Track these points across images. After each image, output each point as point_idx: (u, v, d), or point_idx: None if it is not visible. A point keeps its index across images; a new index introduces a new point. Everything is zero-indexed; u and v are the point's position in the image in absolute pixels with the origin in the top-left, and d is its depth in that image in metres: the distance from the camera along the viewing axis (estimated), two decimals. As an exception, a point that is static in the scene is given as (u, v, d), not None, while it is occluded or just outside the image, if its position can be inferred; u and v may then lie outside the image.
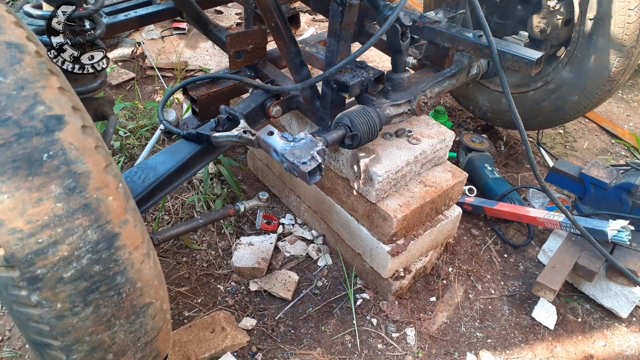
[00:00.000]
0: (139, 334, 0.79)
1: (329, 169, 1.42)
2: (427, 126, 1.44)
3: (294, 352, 1.32)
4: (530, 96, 1.78)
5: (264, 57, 1.45)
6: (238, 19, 2.61)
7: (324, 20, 2.73)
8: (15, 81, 0.66)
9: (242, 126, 1.14)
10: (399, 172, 1.31)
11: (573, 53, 1.60)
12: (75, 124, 0.69)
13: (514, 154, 2.05)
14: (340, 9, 1.10)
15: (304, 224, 1.66)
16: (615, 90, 1.65)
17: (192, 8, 1.44)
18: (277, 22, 1.12)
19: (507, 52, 1.25)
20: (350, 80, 1.18)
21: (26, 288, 0.66)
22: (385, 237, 1.33)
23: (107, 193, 0.70)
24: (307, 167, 1.03)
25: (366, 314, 1.42)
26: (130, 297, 0.75)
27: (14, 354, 1.27)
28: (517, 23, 1.76)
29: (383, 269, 1.38)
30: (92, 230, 0.68)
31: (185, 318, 1.37)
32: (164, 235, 1.12)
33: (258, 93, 1.33)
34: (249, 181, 1.82)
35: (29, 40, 0.71)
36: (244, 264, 1.48)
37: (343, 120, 1.18)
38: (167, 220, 1.63)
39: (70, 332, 0.71)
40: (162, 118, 1.22)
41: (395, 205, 1.31)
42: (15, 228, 0.64)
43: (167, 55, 2.34)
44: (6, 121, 0.64)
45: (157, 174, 1.12)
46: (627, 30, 1.46)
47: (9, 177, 0.63)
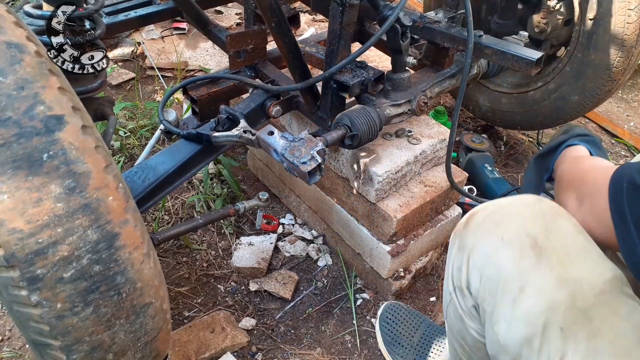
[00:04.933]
0: (139, 334, 0.79)
1: (329, 169, 1.42)
2: (427, 126, 1.44)
3: (294, 352, 1.32)
4: (530, 96, 1.78)
5: (264, 57, 1.45)
6: (238, 19, 2.61)
7: (324, 20, 2.73)
8: (15, 81, 0.66)
9: (242, 126, 1.14)
10: (399, 172, 1.31)
11: (573, 53, 1.60)
12: (75, 124, 0.69)
13: (514, 154, 2.05)
14: (340, 9, 1.10)
15: (304, 224, 1.66)
16: (616, 90, 1.64)
17: (192, 8, 1.43)
18: (277, 22, 1.12)
19: (507, 52, 1.25)
20: (350, 80, 1.18)
21: (26, 288, 0.66)
22: (385, 237, 1.33)
23: (107, 193, 0.71)
24: (307, 167, 1.03)
25: (366, 314, 1.42)
26: (130, 297, 0.75)
27: (14, 354, 1.27)
28: (517, 23, 1.76)
29: (383, 269, 1.38)
30: (92, 230, 0.69)
31: (185, 318, 1.37)
32: (164, 235, 1.12)
33: (258, 93, 1.33)
34: (249, 181, 1.82)
35: (29, 40, 0.71)
36: (244, 264, 1.48)
37: (343, 120, 1.18)
38: (167, 220, 1.63)
39: (70, 332, 0.71)
40: (162, 118, 1.22)
41: (395, 205, 1.31)
42: (15, 228, 0.64)
43: (167, 55, 2.34)
44: (6, 121, 0.64)
45: (157, 174, 1.12)
46: (627, 30, 1.46)
47: (9, 177, 0.63)
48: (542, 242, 0.73)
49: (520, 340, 0.72)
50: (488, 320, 0.77)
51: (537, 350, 0.70)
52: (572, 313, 0.69)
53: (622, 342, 0.68)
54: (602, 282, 0.70)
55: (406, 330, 1.30)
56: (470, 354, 0.90)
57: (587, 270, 0.72)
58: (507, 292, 0.73)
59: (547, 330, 0.69)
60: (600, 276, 0.71)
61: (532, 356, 0.71)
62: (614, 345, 0.67)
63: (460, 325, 0.87)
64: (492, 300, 0.76)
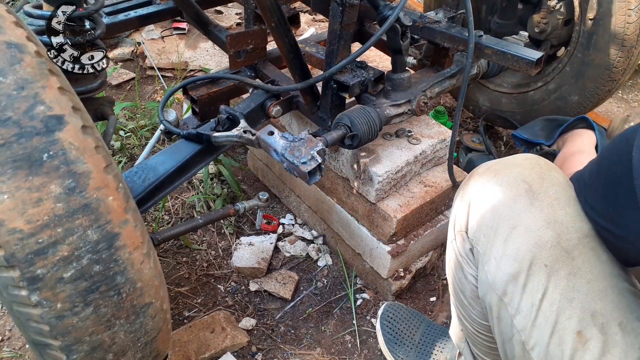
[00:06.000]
0: (139, 334, 0.79)
1: (329, 169, 1.42)
2: (427, 126, 1.44)
3: (294, 352, 1.32)
4: (530, 96, 1.78)
5: (264, 57, 1.45)
6: (238, 19, 2.61)
7: (324, 20, 2.73)
8: (16, 81, 0.66)
9: (242, 126, 1.14)
10: (399, 172, 1.31)
11: (573, 53, 1.60)
12: (76, 124, 0.69)
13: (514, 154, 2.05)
14: (340, 9, 1.10)
15: (304, 224, 1.66)
16: (616, 90, 1.64)
17: (192, 8, 1.43)
18: (277, 22, 1.12)
19: (507, 52, 1.25)
20: (350, 80, 1.18)
21: (26, 288, 0.66)
22: (385, 237, 1.33)
23: (107, 193, 0.71)
24: (307, 167, 1.03)
25: (366, 314, 1.42)
26: (130, 297, 0.75)
27: (14, 354, 1.27)
28: (517, 23, 1.76)
29: (383, 269, 1.38)
30: (92, 230, 0.69)
31: (185, 318, 1.37)
32: (164, 235, 1.12)
33: (258, 93, 1.33)
34: (249, 181, 1.82)
35: (29, 40, 0.71)
36: (244, 264, 1.48)
37: (343, 120, 1.18)
38: (167, 220, 1.63)
39: (70, 332, 0.71)
40: (162, 118, 1.22)
41: (395, 206, 1.31)
42: (15, 228, 0.64)
43: (168, 55, 2.34)
44: (6, 121, 0.64)
45: (157, 174, 1.12)
46: (627, 30, 1.46)
47: (9, 177, 0.63)
48: (536, 187, 0.79)
49: (508, 276, 0.77)
50: (481, 261, 0.82)
51: (521, 286, 0.75)
52: (556, 251, 0.74)
53: (600, 284, 0.73)
54: (589, 228, 0.76)
55: (407, 329, 1.30)
56: (469, 310, 0.93)
57: (575, 215, 0.77)
58: (500, 231, 0.79)
59: (533, 266, 0.75)
60: (586, 222, 0.76)
61: (516, 292, 0.76)
62: (591, 285, 0.72)
63: (460, 274, 0.90)
64: (485, 241, 0.81)
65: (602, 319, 0.71)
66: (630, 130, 0.67)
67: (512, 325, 0.77)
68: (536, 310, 0.74)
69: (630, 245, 0.69)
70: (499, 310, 0.79)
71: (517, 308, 0.76)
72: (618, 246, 0.73)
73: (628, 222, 0.67)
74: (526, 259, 0.75)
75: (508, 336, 0.79)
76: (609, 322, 0.71)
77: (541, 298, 0.74)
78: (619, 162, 0.66)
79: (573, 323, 0.71)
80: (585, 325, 0.71)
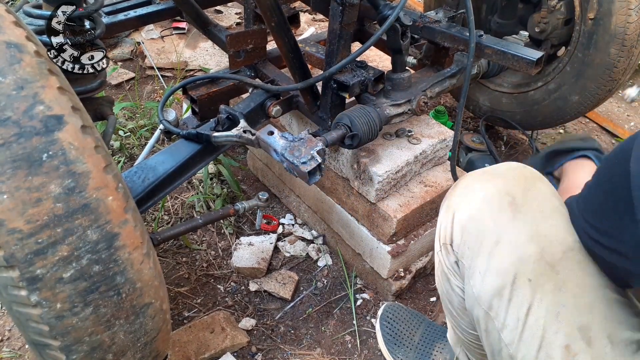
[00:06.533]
0: (139, 334, 0.79)
1: (329, 169, 1.42)
2: (428, 126, 1.44)
3: (293, 352, 1.32)
4: (531, 96, 1.78)
5: (264, 57, 1.45)
6: (238, 19, 2.61)
7: (324, 20, 2.73)
8: (15, 81, 0.66)
9: (242, 126, 1.14)
10: (399, 172, 1.31)
11: (573, 53, 1.60)
12: (75, 124, 0.69)
13: (514, 154, 2.05)
14: (340, 8, 1.10)
15: (304, 224, 1.66)
16: (616, 90, 1.64)
17: (192, 8, 1.43)
18: (277, 21, 1.12)
19: (508, 52, 1.25)
20: (350, 80, 1.17)
21: (26, 288, 0.66)
22: (385, 237, 1.33)
23: (107, 193, 0.70)
24: (307, 167, 1.03)
25: (366, 314, 1.42)
26: (130, 297, 0.75)
27: (14, 354, 1.26)
28: (517, 23, 1.76)
29: (383, 269, 1.38)
30: (91, 230, 0.68)
31: (185, 318, 1.37)
32: (164, 235, 1.12)
33: (258, 93, 1.33)
34: (249, 181, 1.82)
35: (28, 40, 0.71)
36: (244, 264, 1.47)
37: (343, 120, 1.18)
38: (167, 220, 1.63)
39: (70, 333, 0.71)
40: (161, 118, 1.22)
41: (395, 205, 1.31)
42: (15, 228, 0.64)
43: (167, 55, 2.34)
44: (6, 121, 0.64)
45: (156, 174, 1.12)
46: (627, 29, 1.46)
47: (8, 177, 0.63)
48: (520, 200, 0.79)
49: (493, 291, 0.76)
50: (466, 275, 0.82)
51: (506, 300, 0.75)
52: (540, 265, 0.74)
53: (587, 297, 0.72)
54: (573, 240, 0.75)
55: (407, 329, 1.30)
56: (458, 320, 0.93)
57: (559, 228, 0.76)
58: (484, 245, 0.78)
59: (516, 280, 0.74)
60: (571, 235, 0.76)
61: (502, 306, 0.76)
62: (578, 299, 0.72)
63: (447, 285, 0.90)
64: (470, 254, 0.81)
65: (590, 332, 0.70)
66: (627, 141, 0.67)
67: (499, 339, 0.77)
68: (522, 324, 0.74)
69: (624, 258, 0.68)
70: (486, 324, 0.79)
71: (503, 322, 0.76)
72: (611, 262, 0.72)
73: (625, 235, 0.66)
74: (509, 274, 0.75)
75: (497, 349, 0.79)
76: (597, 335, 0.70)
77: (527, 313, 0.73)
78: (617, 174, 0.66)
79: (560, 337, 0.71)
80: (573, 340, 0.70)
